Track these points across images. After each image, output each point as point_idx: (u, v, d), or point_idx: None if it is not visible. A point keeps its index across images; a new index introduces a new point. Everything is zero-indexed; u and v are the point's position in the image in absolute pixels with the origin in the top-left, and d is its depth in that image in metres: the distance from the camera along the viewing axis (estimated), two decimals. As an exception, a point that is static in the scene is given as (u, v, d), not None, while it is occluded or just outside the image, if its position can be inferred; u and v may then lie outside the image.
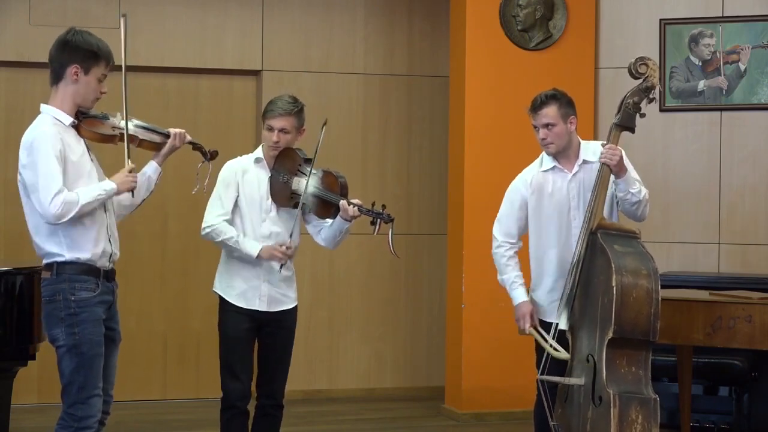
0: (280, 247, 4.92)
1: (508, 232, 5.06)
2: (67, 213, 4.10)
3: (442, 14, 8.10)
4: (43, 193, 4.08)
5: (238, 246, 4.93)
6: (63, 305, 4.17)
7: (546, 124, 4.92)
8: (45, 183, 4.08)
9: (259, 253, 4.91)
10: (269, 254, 4.93)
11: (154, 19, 7.77)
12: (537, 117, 4.94)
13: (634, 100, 4.89)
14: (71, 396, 4.19)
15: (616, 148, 4.80)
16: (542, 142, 4.96)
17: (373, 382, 8.15)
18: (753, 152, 7.33)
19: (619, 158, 4.78)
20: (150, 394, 7.83)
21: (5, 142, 7.51)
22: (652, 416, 4.57)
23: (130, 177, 4.30)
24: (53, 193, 4.07)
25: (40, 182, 4.09)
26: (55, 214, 4.08)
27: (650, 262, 4.68)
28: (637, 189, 4.87)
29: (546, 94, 4.95)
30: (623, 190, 4.86)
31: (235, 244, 4.93)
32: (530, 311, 4.97)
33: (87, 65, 4.23)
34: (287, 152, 4.99)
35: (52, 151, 4.10)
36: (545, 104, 4.91)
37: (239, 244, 4.93)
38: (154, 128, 4.54)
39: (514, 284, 5.03)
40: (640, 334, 4.61)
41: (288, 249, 4.93)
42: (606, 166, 4.81)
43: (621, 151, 4.81)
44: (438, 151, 8.18)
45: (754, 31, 7.27)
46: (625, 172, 4.83)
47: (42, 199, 4.09)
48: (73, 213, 4.11)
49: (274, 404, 5.10)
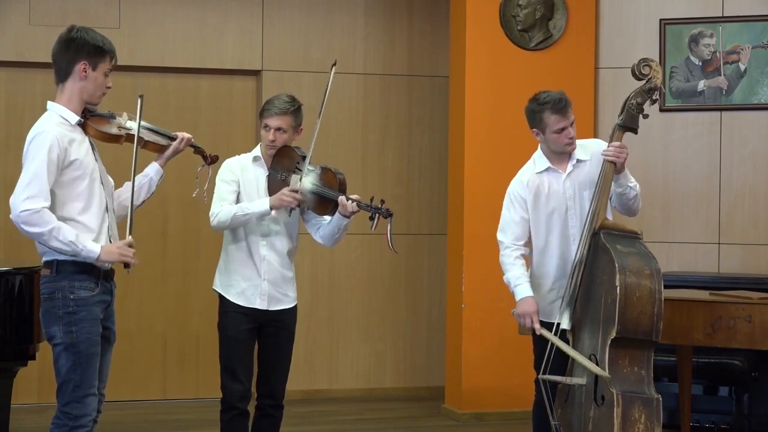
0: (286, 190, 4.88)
1: (515, 236, 5.00)
2: (33, 224, 4.03)
3: (442, 14, 8.10)
4: (21, 188, 4.05)
5: (248, 211, 4.88)
6: (61, 303, 4.16)
7: (572, 122, 4.91)
8: (27, 180, 4.05)
9: (270, 204, 4.86)
10: (278, 200, 4.87)
11: (154, 19, 7.77)
12: (568, 115, 4.89)
13: (637, 101, 4.90)
14: (67, 394, 4.17)
15: (624, 146, 4.82)
16: (569, 141, 4.92)
17: (373, 382, 8.15)
18: (753, 152, 7.33)
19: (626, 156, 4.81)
20: (150, 394, 7.83)
21: (5, 142, 7.51)
22: (655, 416, 4.57)
23: (123, 250, 4.22)
24: (30, 193, 4.03)
25: (24, 177, 4.06)
26: (19, 214, 4.02)
27: (653, 262, 4.69)
28: (634, 183, 4.93)
29: (562, 93, 4.93)
30: (623, 185, 4.89)
31: (244, 211, 4.88)
32: (535, 311, 4.90)
33: (94, 61, 4.23)
34: (285, 150, 4.99)
35: (48, 152, 4.06)
36: (569, 103, 4.91)
37: (247, 209, 4.89)
38: (161, 131, 4.56)
39: (519, 279, 4.93)
40: (642, 334, 4.62)
41: (293, 190, 4.88)
42: (611, 165, 4.82)
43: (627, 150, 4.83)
44: (438, 151, 8.18)
45: (754, 31, 7.27)
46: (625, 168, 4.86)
47: (17, 192, 4.05)
48: (37, 230, 4.03)
49: (274, 404, 5.10)
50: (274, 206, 4.89)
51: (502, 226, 5.05)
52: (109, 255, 4.17)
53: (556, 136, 4.91)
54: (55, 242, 4.06)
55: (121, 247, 4.22)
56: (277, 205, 4.89)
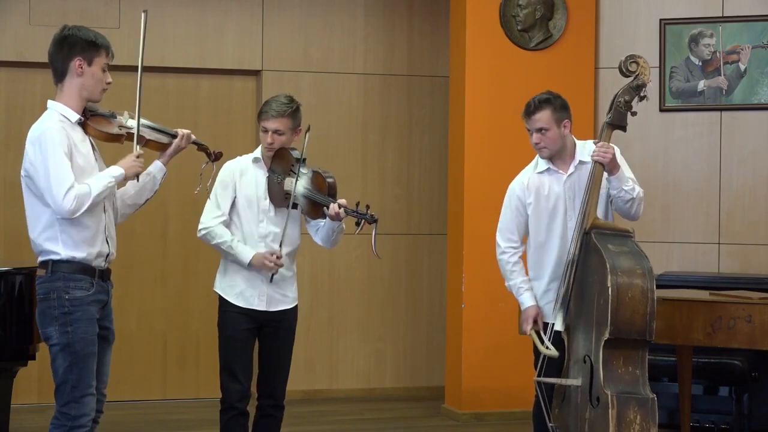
0: (270, 256, 4.93)
1: (510, 238, 5.06)
2: (81, 206, 4.12)
3: (442, 14, 8.10)
4: (56, 190, 4.09)
5: (232, 251, 4.95)
6: (57, 304, 4.17)
7: (539, 128, 4.91)
8: (56, 179, 4.09)
9: (251, 260, 4.92)
10: (260, 263, 4.93)
11: (154, 19, 7.68)
12: (530, 122, 4.92)
13: (625, 98, 4.89)
14: (65, 395, 4.18)
15: (608, 145, 4.81)
16: (536, 146, 4.95)
17: (373, 382, 8.15)
18: (753, 152, 7.33)
19: (612, 156, 4.78)
20: (150, 394, 7.83)
21: (5, 142, 7.51)
22: (650, 416, 4.57)
23: (137, 162, 4.32)
24: (66, 188, 4.08)
25: (52, 179, 4.10)
26: (69, 209, 4.10)
27: (645, 261, 4.67)
28: (630, 186, 4.87)
29: (539, 98, 4.92)
30: (616, 188, 4.86)
31: (229, 248, 4.95)
32: (535, 315, 4.97)
33: (89, 56, 4.24)
34: (282, 152, 5.00)
35: (60, 146, 4.11)
36: (539, 109, 4.90)
37: (233, 249, 4.95)
38: (162, 128, 4.56)
39: (520, 290, 5.01)
40: (636, 334, 4.61)
41: (278, 258, 4.93)
42: (599, 165, 4.81)
43: (613, 149, 4.81)
44: (438, 151, 8.18)
45: (754, 31, 7.27)
46: (618, 170, 4.83)
47: (55, 195, 4.10)
48: (87, 205, 4.13)
49: (275, 404, 5.10)
50: (255, 265, 4.93)
51: (500, 227, 5.10)
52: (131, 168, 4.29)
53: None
54: (104, 193, 4.20)
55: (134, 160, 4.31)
56: (257, 266, 4.93)
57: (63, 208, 4.10)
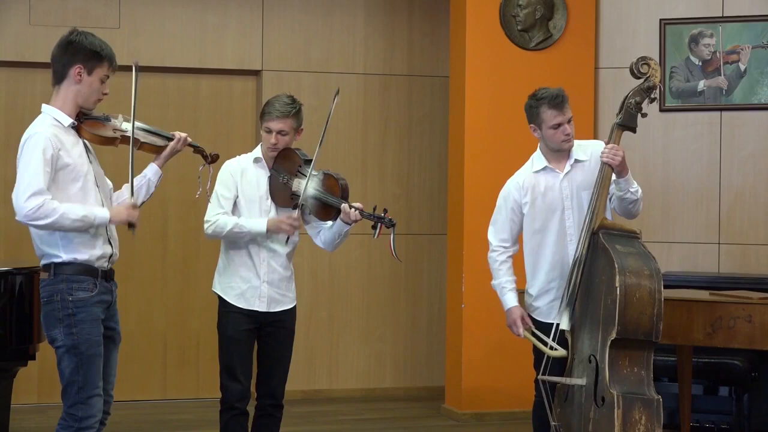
0: (286, 218, 4.91)
1: (502, 237, 5.05)
2: (41, 218, 4.06)
3: (442, 14, 8.11)
4: (21, 189, 4.07)
5: (245, 229, 4.90)
6: (61, 306, 4.17)
7: (569, 118, 4.90)
8: (26, 180, 4.06)
9: (267, 228, 4.89)
10: (276, 227, 4.90)
11: (154, 19, 7.77)
12: (565, 111, 4.88)
13: (635, 99, 4.88)
14: (71, 396, 4.18)
15: (618, 148, 4.80)
16: (566, 138, 4.90)
17: (373, 382, 8.15)
18: (753, 152, 7.33)
19: (622, 158, 4.78)
20: (150, 394, 7.83)
21: (5, 142, 7.51)
22: (656, 417, 4.57)
23: (131, 213, 4.28)
24: (31, 191, 4.04)
25: (22, 178, 4.08)
26: (26, 213, 4.05)
27: (652, 262, 4.68)
28: (635, 188, 4.89)
29: (560, 90, 4.91)
30: (624, 189, 4.86)
31: (241, 228, 4.91)
32: (521, 315, 4.98)
33: (90, 66, 4.23)
34: (287, 153, 4.98)
35: (43, 153, 4.07)
36: (567, 99, 4.89)
37: (245, 227, 4.90)
38: (157, 131, 4.54)
39: (504, 289, 5.03)
40: (642, 335, 4.61)
41: (294, 219, 4.90)
42: (608, 166, 4.80)
43: (623, 151, 4.80)
44: (438, 151, 8.19)
45: (754, 31, 7.27)
46: (627, 172, 4.84)
47: (19, 195, 4.07)
48: (47, 221, 4.07)
49: (274, 404, 5.10)
50: (271, 231, 4.91)
51: (493, 222, 5.10)
52: (118, 215, 4.24)
53: (552, 132, 4.90)
54: (68, 223, 4.10)
55: (128, 207, 4.29)
56: (274, 231, 4.91)
57: (21, 209, 4.06)
